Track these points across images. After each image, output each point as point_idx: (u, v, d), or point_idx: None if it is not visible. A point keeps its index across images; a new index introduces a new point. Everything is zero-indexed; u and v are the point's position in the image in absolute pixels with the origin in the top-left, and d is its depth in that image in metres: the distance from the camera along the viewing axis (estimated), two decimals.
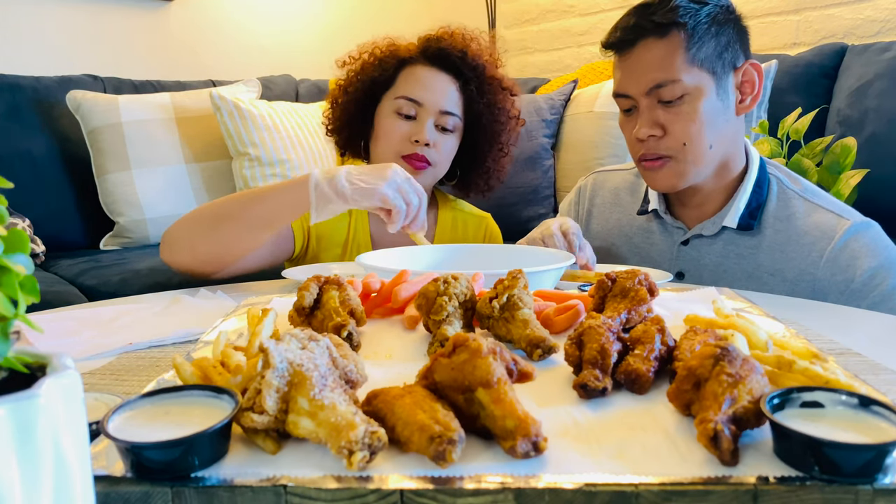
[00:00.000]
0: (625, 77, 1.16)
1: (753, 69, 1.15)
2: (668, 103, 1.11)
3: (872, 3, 2.35)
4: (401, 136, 1.33)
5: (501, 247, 1.16)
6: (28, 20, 2.47)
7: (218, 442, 0.45)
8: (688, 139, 1.12)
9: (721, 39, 1.12)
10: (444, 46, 1.36)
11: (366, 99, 1.39)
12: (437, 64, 1.36)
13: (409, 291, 0.78)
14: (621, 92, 1.17)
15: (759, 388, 0.47)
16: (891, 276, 1.08)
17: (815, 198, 1.17)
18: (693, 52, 1.10)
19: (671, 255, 1.26)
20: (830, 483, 0.41)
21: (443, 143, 1.35)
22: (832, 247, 1.10)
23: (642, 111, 1.14)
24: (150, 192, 2.22)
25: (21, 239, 0.34)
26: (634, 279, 0.71)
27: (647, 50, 1.12)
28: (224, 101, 2.27)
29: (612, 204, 1.38)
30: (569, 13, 3.32)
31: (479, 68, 1.37)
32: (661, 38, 1.11)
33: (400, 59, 1.37)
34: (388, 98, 1.37)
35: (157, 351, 0.75)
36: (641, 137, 1.14)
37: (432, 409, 0.46)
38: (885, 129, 1.93)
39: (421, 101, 1.33)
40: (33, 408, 0.30)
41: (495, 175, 1.47)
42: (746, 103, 1.16)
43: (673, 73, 1.10)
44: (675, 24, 1.10)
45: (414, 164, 1.33)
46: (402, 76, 1.36)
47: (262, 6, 3.02)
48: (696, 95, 1.11)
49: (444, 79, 1.35)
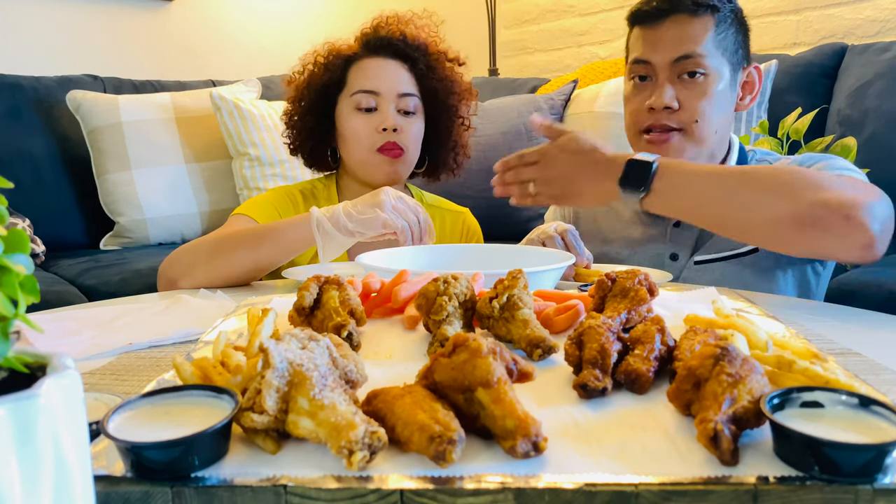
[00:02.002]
0: (650, 46, 1.18)
1: (755, 72, 1.22)
2: (691, 77, 1.15)
3: (872, 3, 2.35)
4: (368, 130, 1.34)
5: (501, 247, 1.16)
6: (28, 20, 2.48)
7: (218, 442, 0.45)
8: (701, 116, 1.15)
9: (738, 37, 1.19)
10: (383, 35, 1.37)
11: (322, 107, 1.40)
12: (381, 53, 1.37)
13: (409, 291, 0.78)
14: (644, 58, 1.19)
15: (759, 388, 0.47)
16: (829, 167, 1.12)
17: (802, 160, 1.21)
18: (719, 38, 1.16)
19: (664, 238, 1.27)
20: (830, 483, 0.41)
21: (409, 127, 1.36)
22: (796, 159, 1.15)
23: (661, 82, 1.17)
24: (150, 192, 2.22)
25: (21, 239, 0.34)
26: (634, 279, 0.71)
27: (679, 24, 1.16)
28: (224, 101, 2.27)
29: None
30: (569, 13, 3.32)
31: (421, 47, 1.39)
32: (694, 16, 1.15)
33: (345, 58, 1.38)
34: (345, 98, 1.38)
35: (157, 351, 0.75)
36: (657, 107, 1.16)
37: (432, 409, 0.46)
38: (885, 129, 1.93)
39: (377, 90, 1.35)
40: (33, 408, 0.30)
41: (462, 150, 1.48)
42: (745, 102, 1.23)
43: (701, 48, 1.14)
44: (709, 6, 1.15)
45: (389, 153, 1.34)
46: (352, 74, 1.38)
47: (262, 6, 3.02)
48: (714, 77, 1.16)
49: (393, 65, 1.37)
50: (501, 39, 3.55)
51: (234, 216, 1.32)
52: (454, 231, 1.49)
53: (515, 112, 2.47)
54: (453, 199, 1.56)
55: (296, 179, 2.31)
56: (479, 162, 2.42)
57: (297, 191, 1.42)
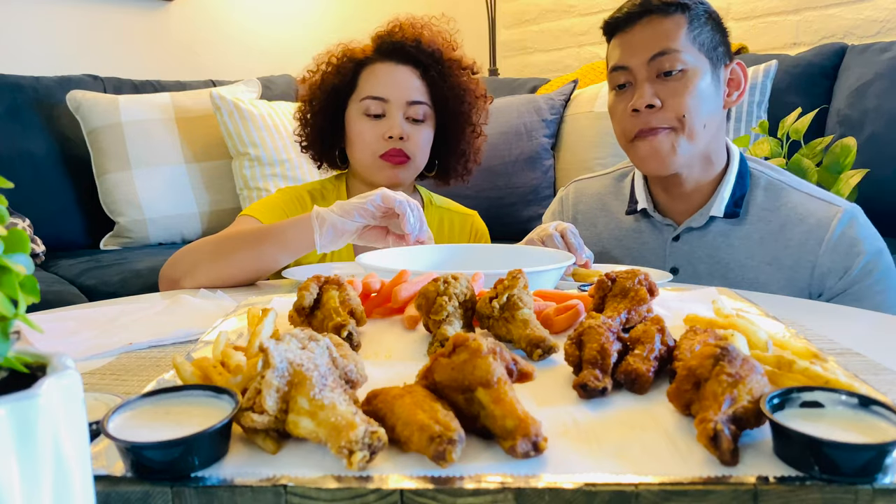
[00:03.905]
0: (625, 50, 1.18)
1: (740, 69, 1.23)
2: (667, 76, 1.15)
3: (872, 3, 2.35)
4: (374, 136, 1.34)
5: (501, 247, 1.16)
6: (28, 20, 2.47)
7: (218, 442, 0.45)
8: (686, 111, 1.15)
9: (715, 35, 1.19)
10: (397, 40, 1.36)
11: (332, 108, 1.40)
12: (394, 58, 1.36)
13: (409, 291, 0.77)
14: (620, 64, 1.19)
15: (759, 388, 0.47)
16: (881, 260, 1.15)
17: (801, 186, 1.22)
18: (694, 34, 1.16)
19: (663, 253, 1.27)
20: (830, 483, 0.41)
21: (416, 134, 1.36)
22: (830, 235, 1.15)
23: (640, 83, 1.17)
24: (150, 192, 2.22)
25: (21, 239, 0.34)
26: (634, 279, 0.71)
27: (652, 24, 1.16)
28: (224, 101, 2.27)
29: (597, 209, 1.39)
30: (569, 13, 3.32)
31: (435, 54, 1.37)
32: (666, 16, 1.16)
33: (357, 62, 1.38)
34: (354, 102, 1.37)
35: (157, 351, 0.75)
36: (639, 107, 1.15)
37: (432, 409, 0.46)
38: (885, 129, 1.93)
39: (386, 98, 1.34)
40: (33, 408, 0.30)
41: (472, 157, 1.48)
42: (733, 98, 1.23)
43: (675, 45, 1.14)
44: (679, 5, 1.16)
45: (392, 160, 1.33)
46: (363, 77, 1.37)
47: (262, 6, 3.02)
48: (694, 73, 1.15)
49: (405, 71, 1.36)
50: (501, 39, 3.55)
51: (242, 217, 1.31)
52: (462, 233, 1.49)
53: (515, 112, 2.47)
54: (453, 199, 1.56)
55: (296, 179, 2.32)
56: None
57: (305, 192, 1.41)
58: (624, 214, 1.34)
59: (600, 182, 1.42)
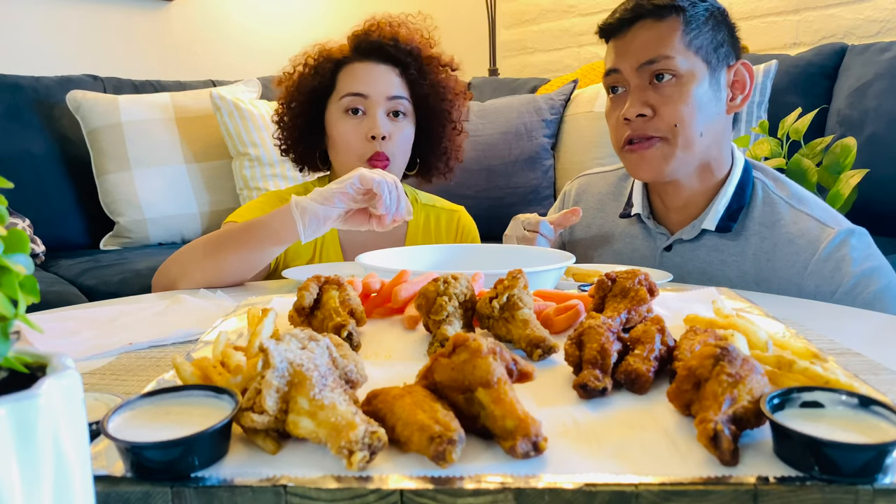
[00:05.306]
0: (618, 54, 1.15)
1: (745, 69, 1.17)
2: (659, 82, 1.11)
3: (872, 3, 2.35)
4: (357, 136, 1.33)
5: (501, 247, 1.16)
6: (28, 20, 2.47)
7: (218, 442, 0.45)
8: (679, 121, 1.11)
9: (717, 36, 1.14)
10: (374, 38, 1.35)
11: (311, 110, 1.39)
12: (372, 57, 1.35)
13: (409, 291, 0.77)
14: (612, 67, 1.16)
15: (759, 388, 0.47)
16: (873, 282, 1.07)
17: (800, 204, 1.15)
18: (690, 37, 1.11)
19: (654, 262, 1.24)
20: (830, 483, 0.41)
21: (398, 131, 1.35)
22: (816, 257, 1.08)
23: (632, 90, 1.13)
24: (150, 192, 2.22)
25: (21, 239, 0.34)
26: (634, 279, 0.71)
27: (644, 29, 1.12)
28: (224, 101, 2.27)
29: (595, 210, 1.37)
30: (569, 13, 3.32)
31: (413, 51, 1.36)
32: (660, 20, 1.12)
33: (335, 62, 1.37)
34: (334, 101, 1.36)
35: (157, 351, 0.75)
36: (629, 116, 1.12)
37: (432, 409, 0.46)
38: (885, 129, 1.93)
39: (366, 94, 1.33)
40: (33, 408, 0.30)
41: (454, 155, 1.47)
42: (737, 102, 1.17)
43: (667, 51, 1.10)
44: (674, 7, 1.11)
45: (376, 164, 1.32)
46: (342, 77, 1.36)
47: (262, 6, 3.02)
48: (688, 79, 1.11)
49: (383, 69, 1.35)
50: (501, 39, 3.55)
51: (226, 224, 1.31)
52: (449, 230, 1.48)
53: (515, 112, 2.47)
54: (453, 199, 1.56)
55: (296, 179, 2.31)
56: (479, 162, 2.43)
57: (288, 195, 1.41)
58: (618, 216, 1.31)
59: (605, 180, 1.40)
